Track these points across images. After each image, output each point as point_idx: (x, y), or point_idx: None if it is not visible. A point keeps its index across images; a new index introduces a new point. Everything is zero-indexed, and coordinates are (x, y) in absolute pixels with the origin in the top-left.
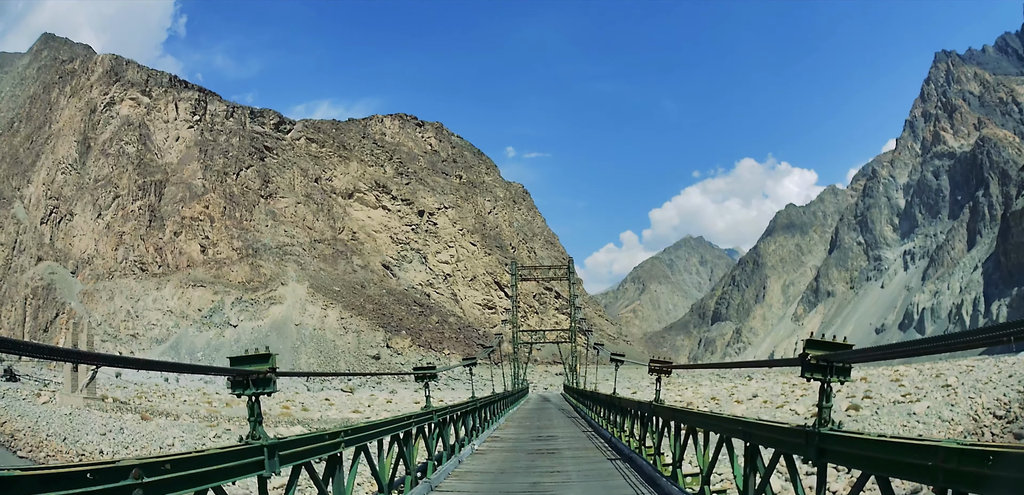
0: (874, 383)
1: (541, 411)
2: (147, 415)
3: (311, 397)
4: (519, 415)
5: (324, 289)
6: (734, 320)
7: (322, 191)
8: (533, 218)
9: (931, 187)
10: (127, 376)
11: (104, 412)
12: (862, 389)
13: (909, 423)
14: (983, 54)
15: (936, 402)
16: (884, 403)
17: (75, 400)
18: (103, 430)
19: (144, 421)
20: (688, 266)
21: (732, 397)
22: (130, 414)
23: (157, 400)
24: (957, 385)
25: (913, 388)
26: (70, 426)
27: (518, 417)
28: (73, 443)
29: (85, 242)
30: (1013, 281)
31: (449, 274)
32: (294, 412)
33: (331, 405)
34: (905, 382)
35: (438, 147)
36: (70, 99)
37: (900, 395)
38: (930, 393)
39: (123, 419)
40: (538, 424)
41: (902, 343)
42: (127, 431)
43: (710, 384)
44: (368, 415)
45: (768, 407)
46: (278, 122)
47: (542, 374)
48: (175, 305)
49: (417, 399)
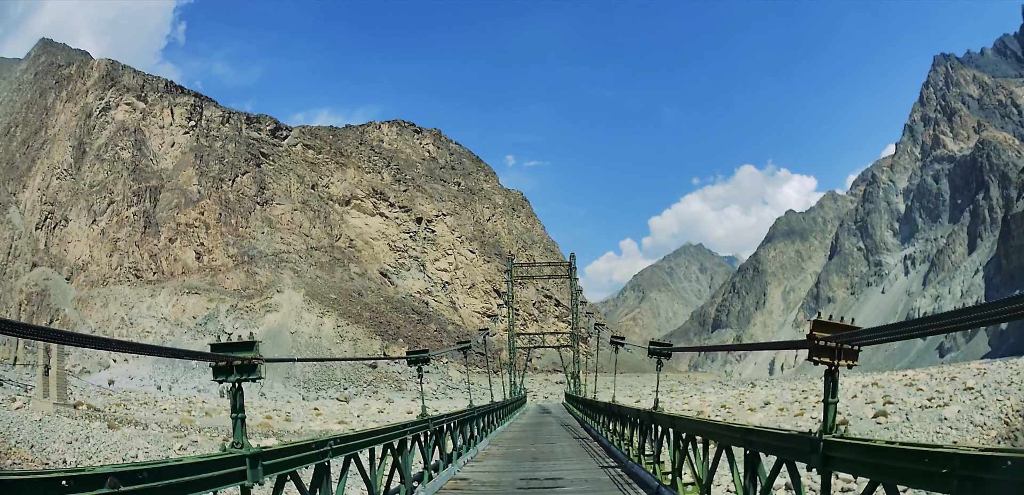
0: (888, 388)
1: (539, 428)
2: (114, 424)
3: (300, 407)
4: (508, 436)
5: (320, 297)
6: (734, 327)
7: (319, 198)
8: (532, 225)
9: (931, 191)
10: (120, 384)
11: (73, 420)
12: (878, 394)
13: (942, 429)
14: (982, 57)
15: (965, 406)
16: (908, 408)
17: (46, 407)
18: (70, 438)
19: (111, 429)
20: (688, 274)
21: (743, 404)
22: (97, 423)
23: (136, 409)
24: (979, 387)
25: (934, 392)
26: (39, 433)
27: (507, 438)
28: (40, 451)
29: (80, 248)
30: (1015, 284)
31: (447, 282)
32: (276, 422)
33: (318, 415)
34: (923, 386)
35: (436, 154)
36: (66, 104)
37: (924, 400)
38: (955, 397)
39: (90, 427)
40: (533, 450)
41: (916, 321)
42: (93, 440)
43: (715, 392)
44: (354, 426)
45: (785, 415)
46: (274, 128)
47: (542, 383)
48: (169, 312)
49: (411, 409)
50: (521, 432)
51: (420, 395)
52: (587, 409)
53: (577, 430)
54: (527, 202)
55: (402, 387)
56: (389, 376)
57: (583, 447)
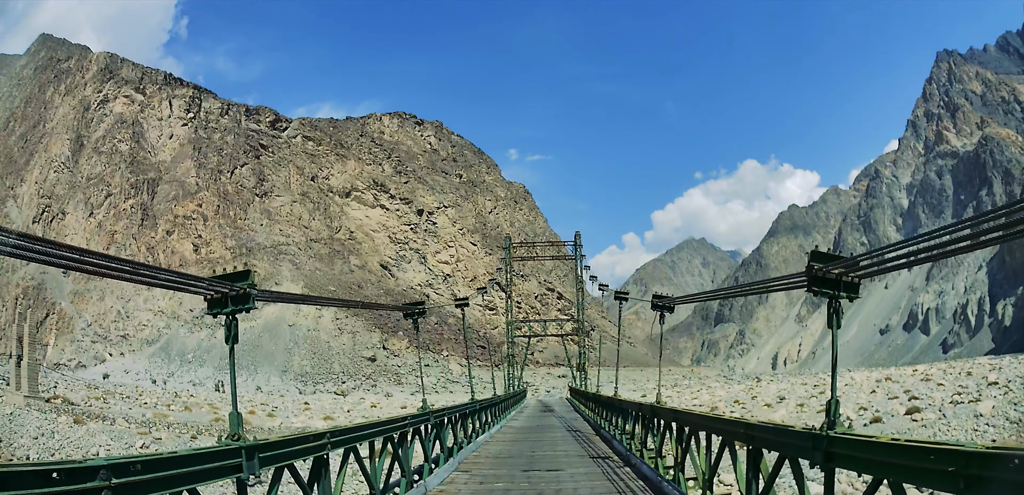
0: (903, 383)
1: (539, 433)
2: (80, 419)
3: (290, 402)
4: (505, 435)
5: (319, 289)
6: (737, 322)
7: (319, 190)
8: (535, 218)
9: (934, 187)
10: (115, 378)
11: (42, 414)
12: (895, 389)
13: (979, 426)
14: (985, 53)
15: (998, 402)
16: (935, 403)
17: (18, 400)
18: (37, 433)
19: (77, 424)
20: (690, 268)
21: (756, 400)
22: (65, 417)
23: (116, 403)
24: (1003, 382)
25: (958, 387)
26: (9, 427)
27: (499, 442)
28: (8, 446)
29: (77, 241)
30: (1018, 280)
31: (449, 274)
32: (257, 418)
33: (306, 409)
34: (943, 381)
35: (438, 146)
36: (65, 97)
37: (952, 395)
38: (985, 392)
39: (57, 422)
40: (530, 462)
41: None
42: (58, 435)
43: (722, 386)
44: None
45: (805, 412)
46: (274, 120)
47: (544, 376)
48: (166, 305)
49: (405, 404)
50: (517, 437)
51: (420, 389)
52: (601, 409)
53: (592, 441)
54: (529, 195)
55: (401, 381)
56: (388, 369)
57: (605, 473)
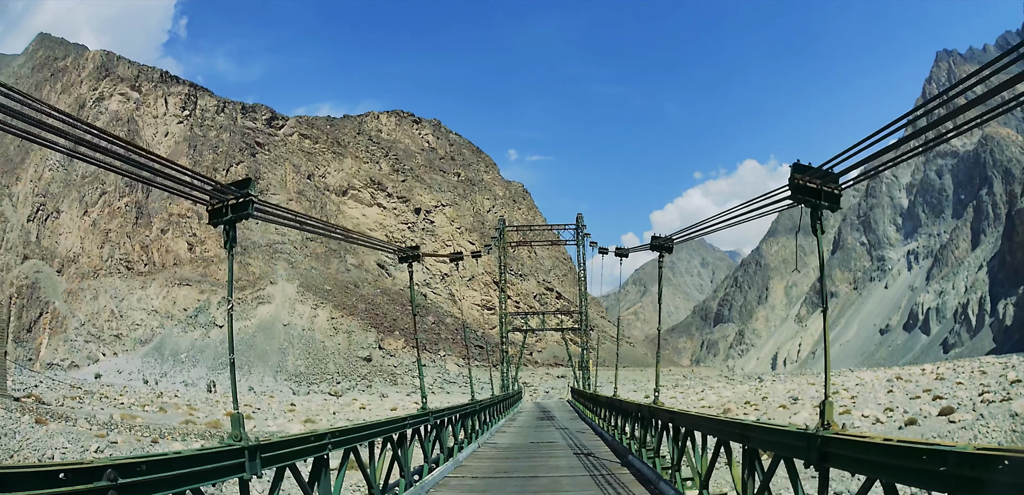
0: (917, 382)
1: (533, 451)
2: (42, 419)
3: (275, 404)
4: (490, 452)
5: (315, 288)
6: (737, 322)
7: (315, 188)
8: (534, 217)
9: (934, 186)
10: (107, 377)
11: (8, 413)
12: (912, 388)
13: (1017, 426)
14: (984, 53)
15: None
16: (964, 403)
17: None
18: (1, 433)
19: (38, 424)
20: (690, 268)
21: (768, 400)
22: (27, 417)
23: (94, 403)
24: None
25: (980, 386)
26: None
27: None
28: None
29: (71, 240)
30: (1019, 279)
31: (446, 274)
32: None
33: (291, 410)
34: (961, 381)
35: (436, 144)
36: (61, 96)
37: (979, 394)
38: (1012, 390)
39: (20, 422)
40: None
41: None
42: (19, 436)
43: (726, 387)
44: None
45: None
46: (270, 118)
47: (543, 376)
48: (160, 304)
49: (396, 405)
50: (503, 457)
51: (419, 389)
52: (615, 413)
53: (606, 465)
54: (528, 194)
55: (397, 381)
56: (384, 370)
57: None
